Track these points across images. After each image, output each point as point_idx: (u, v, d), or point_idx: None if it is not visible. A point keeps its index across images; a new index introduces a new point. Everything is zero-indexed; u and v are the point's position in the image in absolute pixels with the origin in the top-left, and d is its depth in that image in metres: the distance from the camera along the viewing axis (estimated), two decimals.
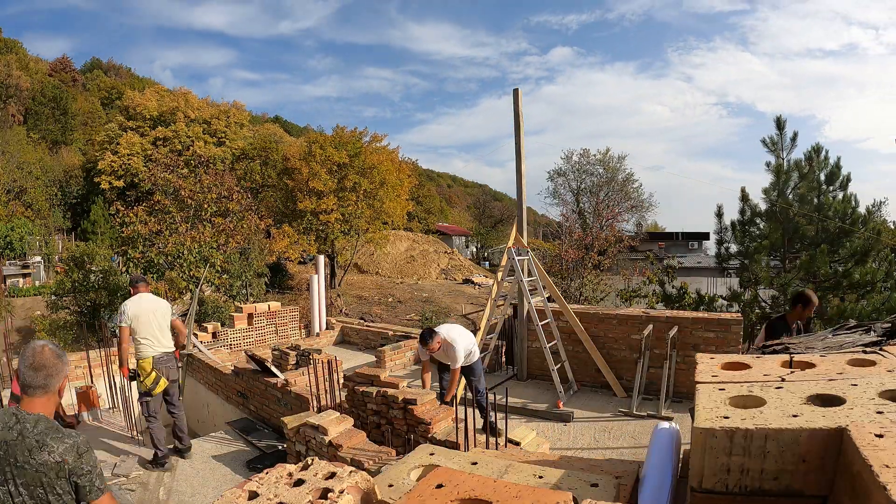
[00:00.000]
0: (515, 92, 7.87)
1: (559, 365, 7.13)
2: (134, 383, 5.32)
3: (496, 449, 4.27)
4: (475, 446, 4.27)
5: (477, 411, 5.39)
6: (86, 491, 1.90)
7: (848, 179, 10.64)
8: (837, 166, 10.70)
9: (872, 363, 2.14)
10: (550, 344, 7.07)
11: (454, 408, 4.47)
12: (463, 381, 5.71)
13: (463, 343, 5.27)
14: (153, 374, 5.11)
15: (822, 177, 10.75)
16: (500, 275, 7.52)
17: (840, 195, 10.59)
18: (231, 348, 9.82)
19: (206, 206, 14.54)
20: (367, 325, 11.53)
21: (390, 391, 4.92)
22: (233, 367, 7.16)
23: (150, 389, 5.10)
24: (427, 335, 5.13)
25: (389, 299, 26.33)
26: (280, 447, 5.39)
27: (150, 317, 5.13)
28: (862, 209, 10.50)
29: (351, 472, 1.68)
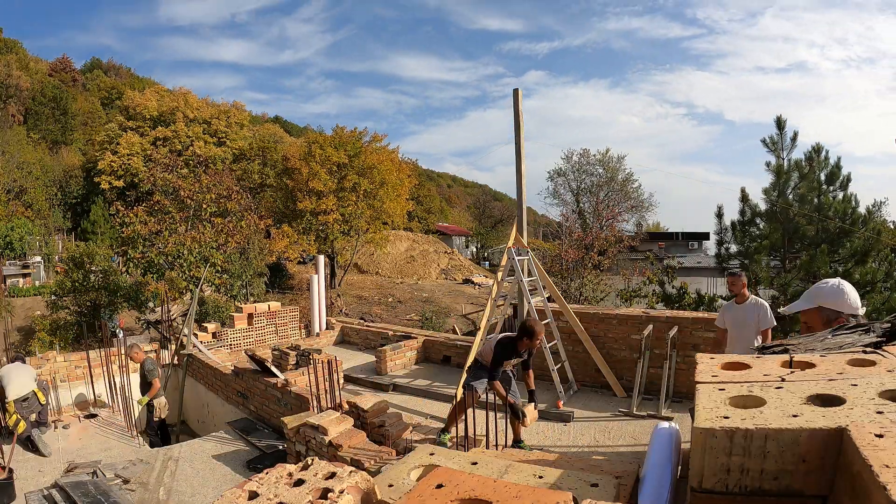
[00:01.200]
0: (515, 92, 7.86)
1: (559, 365, 7.12)
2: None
3: (496, 448, 4.27)
4: (475, 446, 4.27)
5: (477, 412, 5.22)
6: None
7: (848, 179, 10.64)
8: (837, 166, 10.70)
9: (872, 363, 2.14)
10: (550, 344, 7.07)
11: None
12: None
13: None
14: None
15: (822, 177, 10.75)
16: (500, 275, 7.52)
17: (840, 195, 10.59)
18: (231, 348, 9.82)
19: (205, 206, 14.55)
20: (367, 325, 11.53)
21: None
22: (233, 367, 7.16)
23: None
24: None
25: (389, 299, 26.32)
26: (280, 447, 5.39)
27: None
28: (862, 209, 10.50)
29: (351, 472, 1.68)
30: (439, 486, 1.55)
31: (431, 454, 2.21)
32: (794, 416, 1.58)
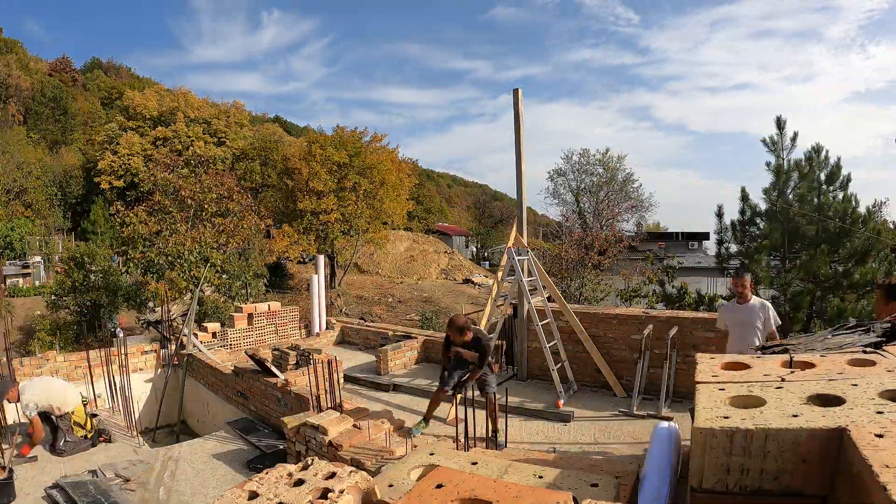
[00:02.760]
0: (515, 92, 7.86)
1: (559, 365, 7.12)
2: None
3: (496, 448, 4.27)
4: (475, 446, 4.27)
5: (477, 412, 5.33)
6: None
7: (848, 179, 10.64)
8: (837, 166, 10.70)
9: (872, 363, 2.14)
10: (550, 344, 7.07)
11: (454, 408, 4.47)
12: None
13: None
14: None
15: (822, 177, 10.75)
16: (500, 275, 7.52)
17: (840, 195, 10.59)
18: (231, 348, 9.82)
19: (206, 206, 14.53)
20: (367, 325, 11.52)
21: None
22: (233, 367, 7.16)
23: None
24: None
25: (389, 299, 26.32)
26: (280, 447, 5.40)
27: None
28: (862, 209, 10.50)
29: (351, 472, 1.68)
30: (439, 486, 1.55)
31: (431, 454, 2.21)
32: (795, 416, 1.58)
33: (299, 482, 1.63)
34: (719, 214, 11.90)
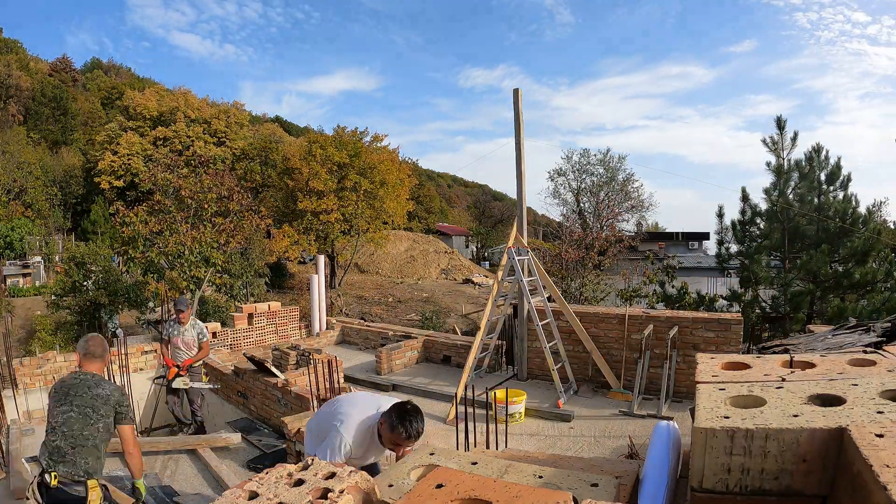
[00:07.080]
0: (516, 92, 7.87)
1: (559, 365, 7.12)
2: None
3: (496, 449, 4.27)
4: (475, 446, 4.27)
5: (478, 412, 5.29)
6: (122, 416, 3.19)
7: (848, 179, 10.64)
8: (838, 166, 10.70)
9: (872, 363, 2.14)
10: (550, 344, 7.07)
11: (454, 408, 4.45)
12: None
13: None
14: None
15: (823, 177, 10.75)
16: (500, 275, 7.52)
17: (840, 195, 10.59)
18: (231, 348, 9.82)
19: (206, 206, 14.52)
20: (367, 325, 11.52)
21: None
22: (233, 368, 7.17)
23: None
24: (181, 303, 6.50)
25: (389, 299, 26.32)
26: (280, 447, 5.40)
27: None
28: (862, 209, 10.51)
29: (351, 471, 1.68)
30: (439, 486, 1.55)
31: (431, 454, 2.21)
32: (795, 415, 1.58)
33: (299, 482, 1.63)
34: (720, 214, 11.91)
